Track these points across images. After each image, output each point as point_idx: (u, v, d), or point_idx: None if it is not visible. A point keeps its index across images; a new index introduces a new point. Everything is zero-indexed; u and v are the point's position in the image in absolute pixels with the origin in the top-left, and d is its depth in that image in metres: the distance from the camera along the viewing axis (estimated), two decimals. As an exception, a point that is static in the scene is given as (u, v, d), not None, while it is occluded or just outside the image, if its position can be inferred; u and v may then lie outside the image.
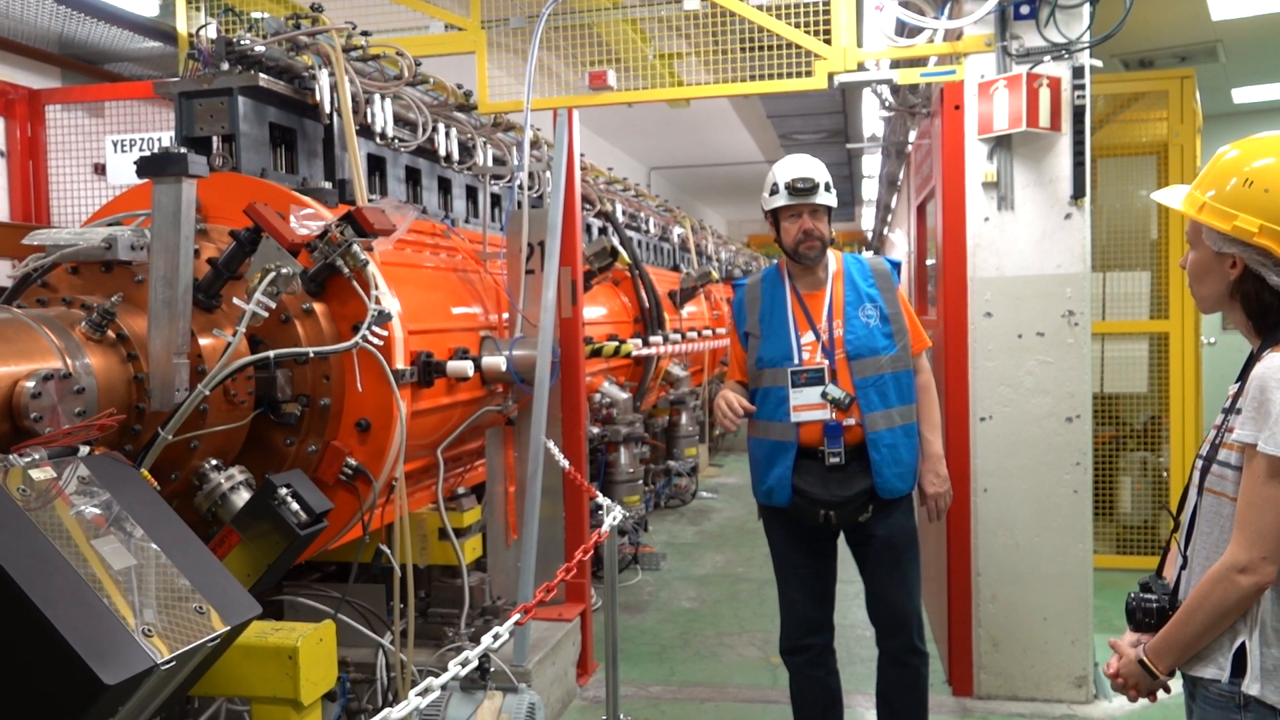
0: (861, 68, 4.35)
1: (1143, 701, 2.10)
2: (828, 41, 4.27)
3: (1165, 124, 5.85)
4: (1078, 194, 4.19)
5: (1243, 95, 7.95)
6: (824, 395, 3.30)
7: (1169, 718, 4.12)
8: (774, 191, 3.42)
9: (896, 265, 3.58)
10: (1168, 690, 2.06)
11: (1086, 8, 4.09)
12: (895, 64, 4.55)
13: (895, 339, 3.40)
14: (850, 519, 3.37)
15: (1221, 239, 1.91)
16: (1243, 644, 1.87)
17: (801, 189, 3.36)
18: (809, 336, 3.39)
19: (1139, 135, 6.03)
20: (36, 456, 2.20)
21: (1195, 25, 5.88)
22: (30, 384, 2.35)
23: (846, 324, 3.38)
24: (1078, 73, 4.11)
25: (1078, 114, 4.13)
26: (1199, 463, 2.01)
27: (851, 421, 3.30)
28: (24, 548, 1.96)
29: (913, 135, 6.37)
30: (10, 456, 2.19)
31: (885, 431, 3.32)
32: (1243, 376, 1.95)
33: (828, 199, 3.40)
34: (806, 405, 3.32)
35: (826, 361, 3.34)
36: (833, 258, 3.50)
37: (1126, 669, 2.05)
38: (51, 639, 1.87)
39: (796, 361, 3.36)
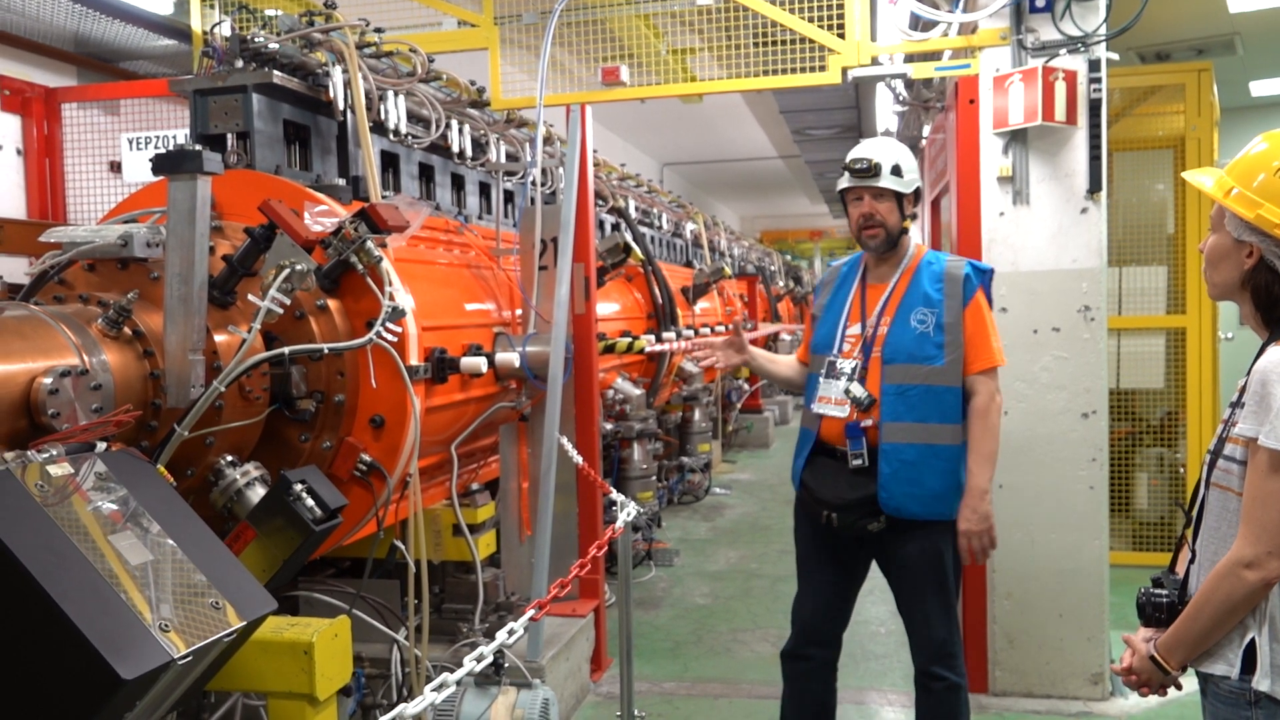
0: (875, 62, 4.33)
1: (1158, 699, 2.09)
2: (841, 36, 4.25)
3: (1182, 117, 5.81)
4: (1094, 188, 4.16)
5: (1261, 88, 7.88)
6: (846, 392, 3.17)
7: (1185, 715, 4.10)
8: (842, 173, 3.29)
9: (984, 272, 3.27)
10: (1179, 687, 2.05)
11: (1102, 0, 4.06)
12: (909, 58, 4.53)
13: (946, 350, 3.13)
14: (853, 525, 3.16)
15: (1243, 226, 1.92)
16: (1253, 640, 1.87)
17: (859, 170, 3.20)
18: (855, 329, 3.25)
19: (1156, 129, 5.99)
20: (54, 452, 2.22)
21: (1212, 18, 5.83)
22: (48, 380, 2.36)
23: (894, 324, 3.18)
24: (1094, 66, 4.08)
25: (1094, 107, 4.11)
26: (1208, 457, 2.01)
27: (870, 423, 3.13)
28: (42, 543, 1.97)
29: (927, 130, 6.34)
30: (28, 452, 2.20)
31: (905, 446, 3.09)
32: (1249, 371, 1.94)
33: (894, 182, 3.19)
34: (828, 398, 3.22)
35: (862, 358, 3.19)
36: (913, 254, 3.29)
37: (1139, 665, 2.04)
38: (69, 634, 1.88)
39: (836, 352, 3.26)
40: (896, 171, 3.21)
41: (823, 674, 3.39)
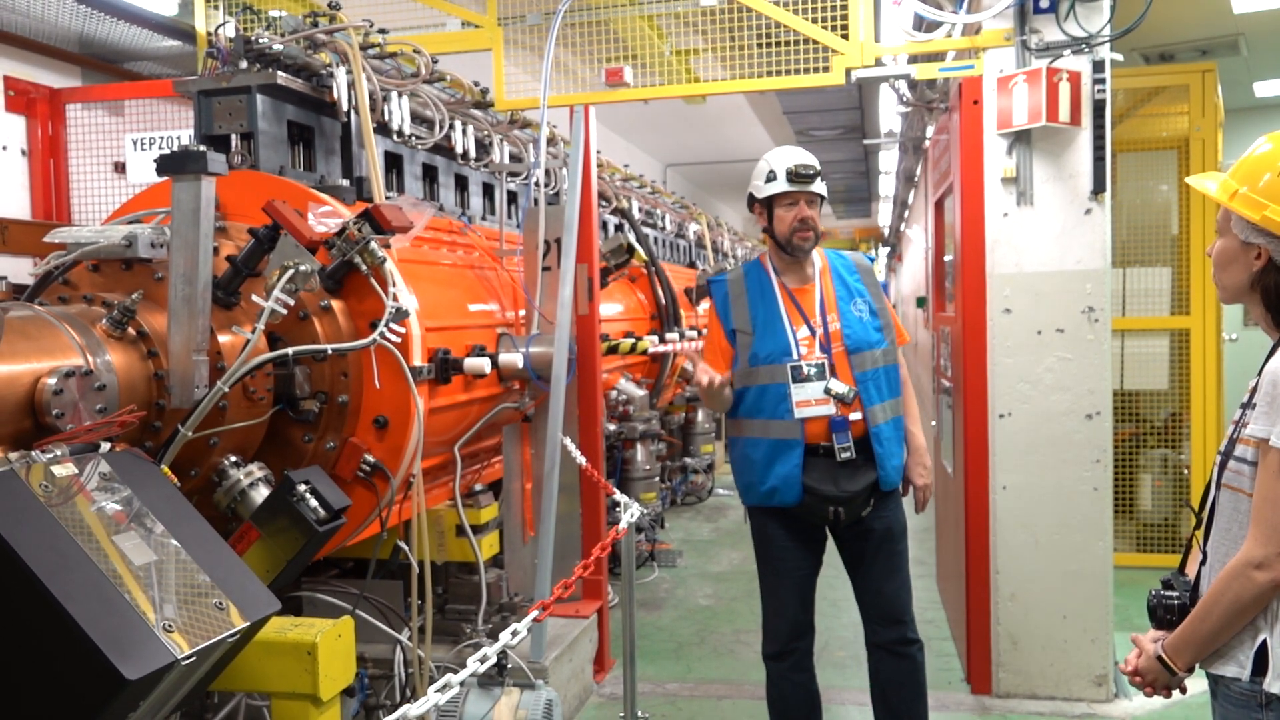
0: (879, 63, 4.33)
1: (1163, 700, 2.08)
2: (845, 36, 4.24)
3: (1186, 118, 5.80)
4: (1098, 189, 4.16)
5: (1265, 89, 7.86)
6: (827, 390, 3.26)
7: (1191, 717, 4.09)
8: (770, 179, 3.38)
9: (873, 260, 3.60)
10: (1183, 690, 2.04)
11: (1106, 1, 4.06)
12: (913, 59, 4.52)
13: (884, 333, 3.41)
14: (856, 514, 3.35)
15: (1249, 228, 1.92)
16: (1264, 642, 1.86)
17: (804, 175, 3.33)
18: (804, 331, 3.35)
19: (1160, 130, 5.98)
20: (58, 453, 2.22)
21: (1217, 18, 5.82)
22: (52, 381, 2.37)
23: (842, 318, 3.37)
24: (1098, 67, 4.08)
25: (1098, 108, 4.10)
26: (1219, 458, 2.00)
27: (857, 416, 3.28)
28: (46, 543, 1.97)
29: (930, 131, 6.34)
30: (32, 453, 2.21)
31: (884, 425, 3.33)
32: (1260, 372, 1.94)
33: (823, 188, 3.41)
34: (809, 401, 3.28)
35: (825, 356, 3.31)
36: (817, 255, 3.49)
37: (1145, 665, 2.04)
38: (73, 634, 1.89)
39: (795, 357, 3.31)
40: (822, 177, 3.40)
41: (806, 662, 3.53)
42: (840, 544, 3.49)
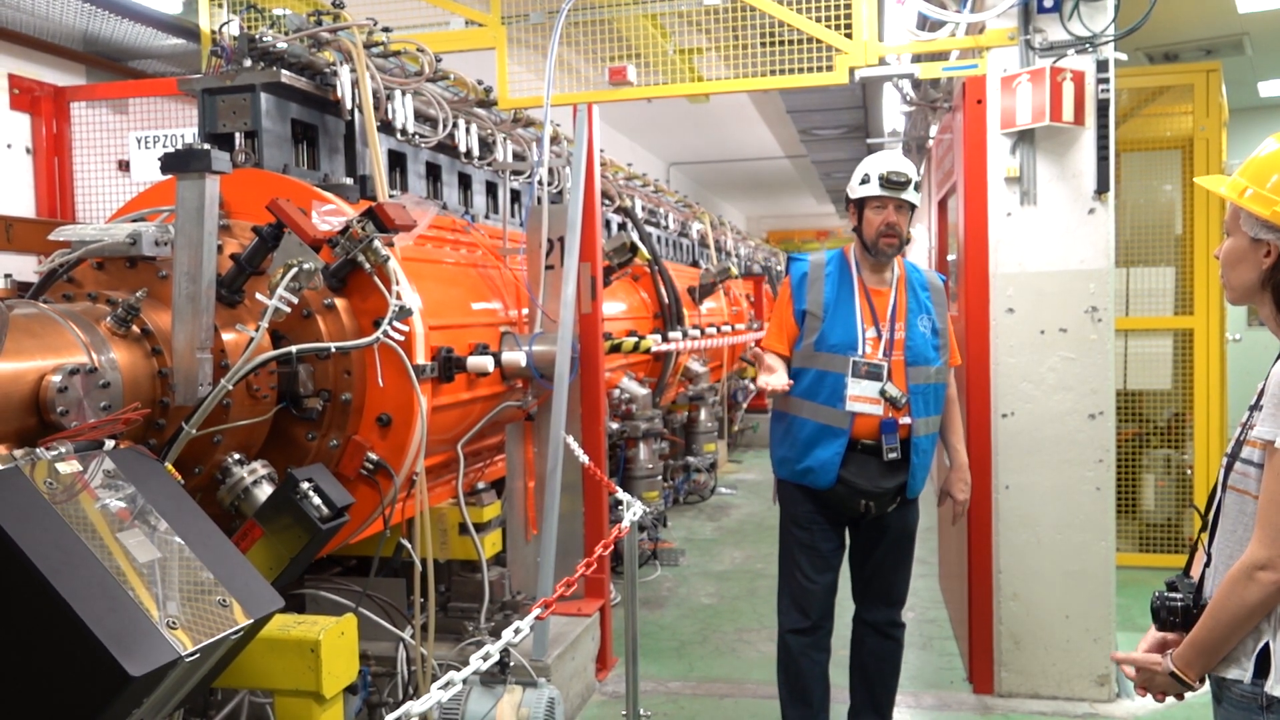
0: (883, 62, 4.32)
1: (1167, 700, 2.08)
2: (848, 35, 4.24)
3: (1190, 118, 5.79)
4: (1101, 189, 4.15)
5: (1269, 89, 7.86)
6: (882, 392, 3.40)
7: (1193, 717, 4.09)
8: (864, 181, 3.50)
9: (945, 280, 3.73)
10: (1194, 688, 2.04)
11: (1111, 0, 4.05)
12: (916, 58, 4.52)
13: (940, 354, 3.56)
14: (883, 510, 3.52)
15: (1259, 225, 1.90)
16: (1266, 644, 1.85)
17: (896, 182, 3.44)
18: (872, 332, 3.47)
19: (1164, 129, 5.97)
20: (63, 450, 2.23)
21: (1221, 18, 5.81)
22: (56, 378, 2.37)
23: (908, 330, 3.50)
24: (1102, 66, 4.07)
25: (1102, 108, 4.10)
26: (1225, 460, 1.99)
27: (906, 420, 3.43)
28: (50, 541, 1.98)
29: (934, 130, 6.33)
30: (37, 450, 2.21)
31: (924, 437, 3.49)
32: (1269, 374, 1.93)
33: (914, 198, 3.49)
34: (861, 397, 3.41)
35: (885, 360, 3.44)
36: (896, 263, 3.60)
37: (1159, 681, 2.02)
38: (77, 631, 1.89)
39: (860, 353, 3.44)
40: (916, 187, 3.50)
41: (827, 642, 3.66)
42: (855, 536, 3.65)
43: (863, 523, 3.61)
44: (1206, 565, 2.01)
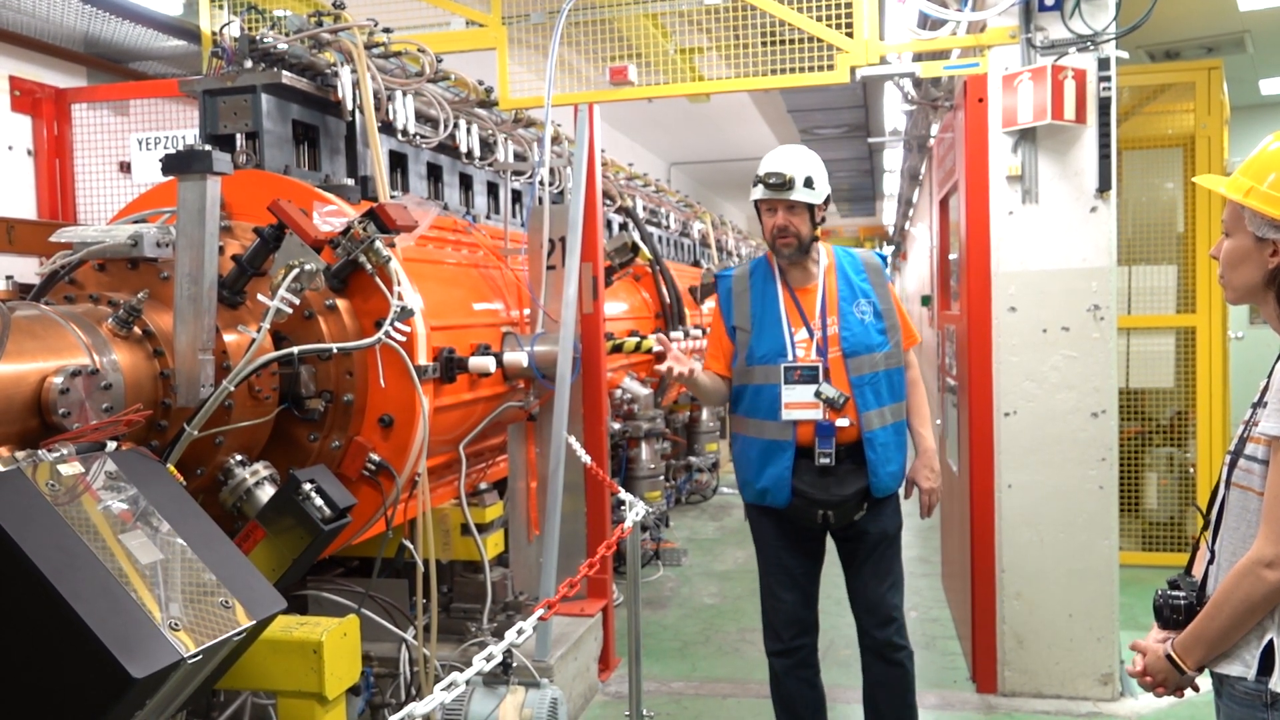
0: (884, 61, 4.32)
1: (1169, 699, 2.08)
2: (849, 34, 4.24)
3: (1192, 116, 5.79)
4: (1103, 187, 4.15)
5: (1271, 86, 7.85)
6: (817, 394, 3.22)
7: (1197, 716, 4.08)
8: (755, 183, 3.34)
9: (884, 259, 3.54)
10: (1195, 689, 2.04)
11: (1112, -1, 4.05)
12: (918, 57, 4.51)
13: (889, 335, 3.34)
14: (847, 518, 3.32)
15: (1265, 224, 1.88)
16: (1270, 641, 1.85)
17: (773, 184, 3.25)
18: (802, 334, 3.30)
19: (1165, 127, 5.96)
20: (65, 452, 2.22)
21: (1222, 16, 5.80)
22: (58, 380, 2.37)
23: (841, 320, 3.31)
24: (1103, 64, 4.07)
25: (1103, 106, 4.09)
26: (1228, 457, 1.99)
27: (846, 422, 3.23)
28: (52, 542, 1.98)
29: (935, 129, 6.33)
30: (39, 452, 2.21)
31: (879, 430, 3.27)
32: (1272, 371, 1.93)
33: (807, 195, 3.27)
34: (798, 403, 3.24)
35: (820, 360, 3.26)
36: (824, 251, 3.41)
37: (1154, 665, 2.03)
38: (80, 632, 1.89)
39: (790, 358, 3.27)
40: (809, 184, 3.27)
41: (812, 659, 3.51)
42: (837, 544, 3.49)
43: (837, 533, 3.42)
44: (1210, 562, 2.01)
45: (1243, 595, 1.85)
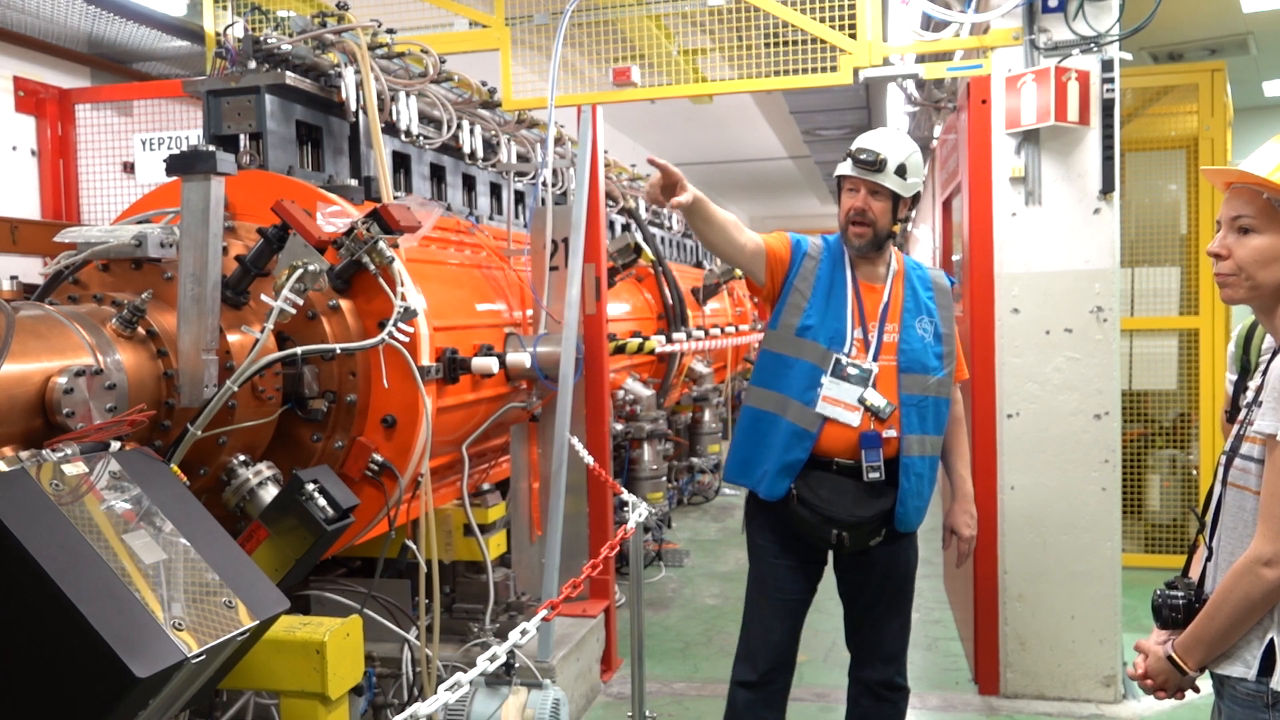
0: (887, 62, 4.32)
1: (1171, 702, 2.07)
2: (853, 36, 4.24)
3: (1195, 117, 5.78)
4: (1107, 189, 4.14)
5: (1275, 88, 7.84)
6: (861, 400, 2.94)
7: (1199, 718, 4.07)
8: (845, 157, 3.04)
9: (954, 282, 3.28)
10: (1196, 689, 2.04)
11: (1116, 0, 4.05)
12: (921, 58, 4.52)
13: (945, 362, 3.07)
14: (862, 544, 3.01)
15: None
16: (1271, 640, 1.85)
17: (863, 161, 2.96)
18: (858, 333, 3.01)
19: (1168, 129, 5.96)
20: (68, 451, 2.23)
21: (1226, 17, 5.80)
22: (62, 380, 2.38)
23: (903, 330, 3.03)
24: (1107, 66, 4.06)
25: (1107, 108, 4.09)
26: (1223, 458, 1.99)
27: (892, 433, 2.95)
28: (56, 541, 1.98)
29: (938, 130, 6.33)
30: (43, 451, 2.21)
31: (918, 459, 2.99)
32: (1264, 370, 1.92)
33: (895, 183, 2.98)
34: (837, 400, 2.93)
35: (873, 366, 2.98)
36: (895, 256, 3.14)
37: (1154, 666, 2.03)
38: (83, 632, 1.89)
39: (845, 350, 2.98)
40: (900, 171, 3.00)
41: (781, 699, 3.19)
42: (840, 572, 3.21)
43: (844, 559, 3.13)
44: (1208, 560, 2.01)
45: (1242, 594, 1.85)
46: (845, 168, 3.03)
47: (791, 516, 3.00)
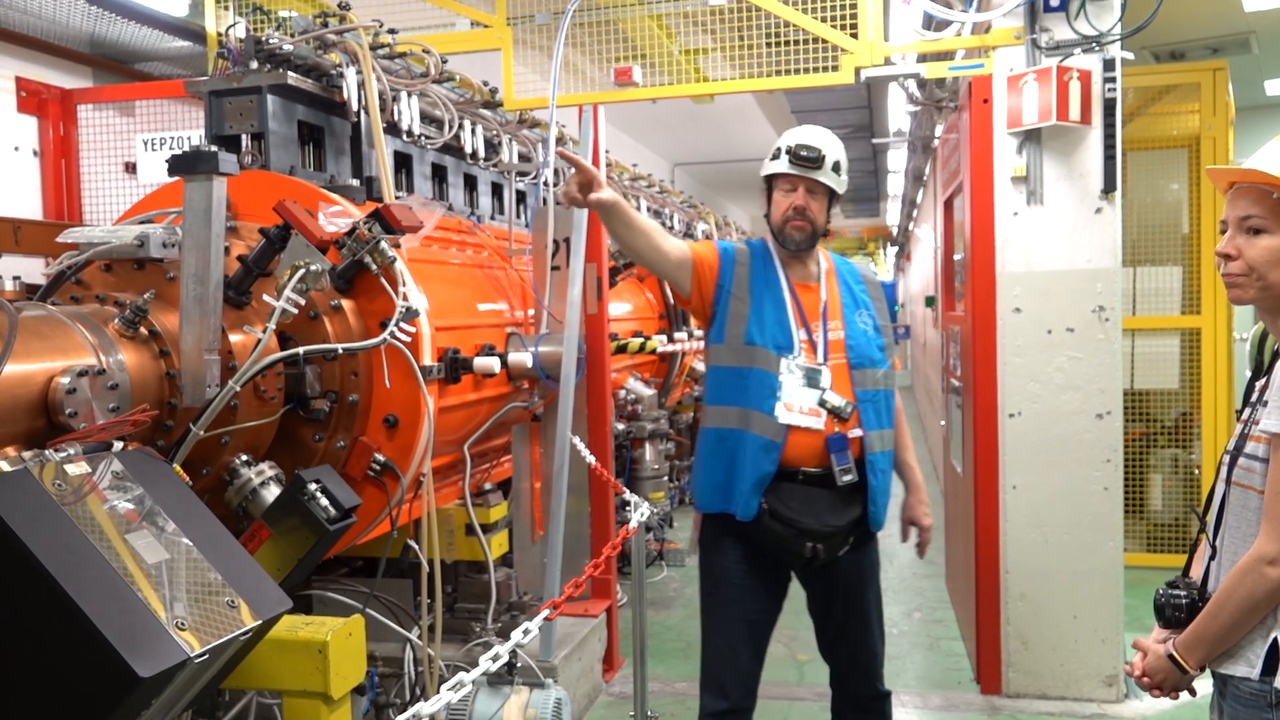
0: (888, 62, 4.32)
1: (1173, 701, 2.07)
2: (854, 35, 4.24)
3: (1197, 117, 5.78)
4: (1108, 188, 4.14)
5: (1276, 87, 7.84)
6: (822, 403, 2.85)
7: (1202, 718, 4.07)
8: (774, 156, 3.01)
9: (890, 288, 3.27)
10: (1192, 693, 2.03)
11: (1117, -1, 4.05)
12: (922, 58, 4.51)
13: (886, 354, 3.04)
14: (833, 553, 2.91)
15: None
16: (1275, 640, 1.85)
17: (805, 158, 2.93)
18: (802, 334, 2.93)
19: (1170, 128, 5.96)
20: (71, 452, 2.23)
21: (1227, 16, 5.80)
22: (65, 380, 2.38)
23: (847, 327, 2.99)
24: (1108, 65, 4.06)
25: (1108, 107, 4.09)
26: (1226, 457, 1.99)
27: (857, 433, 2.88)
28: (59, 541, 1.98)
29: (939, 130, 6.32)
30: (46, 452, 2.22)
31: (880, 455, 2.93)
32: (1269, 370, 1.92)
33: (833, 180, 2.98)
34: (796, 407, 2.85)
35: (823, 365, 2.91)
36: (822, 255, 3.12)
37: (1155, 665, 2.03)
38: (86, 632, 1.89)
39: (796, 353, 2.90)
40: (836, 168, 2.99)
41: None
42: (807, 586, 3.11)
43: (809, 571, 3.02)
44: (1212, 559, 2.01)
45: (1245, 593, 1.85)
46: (780, 166, 2.99)
47: (763, 533, 2.89)
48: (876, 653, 3.10)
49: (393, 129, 3.93)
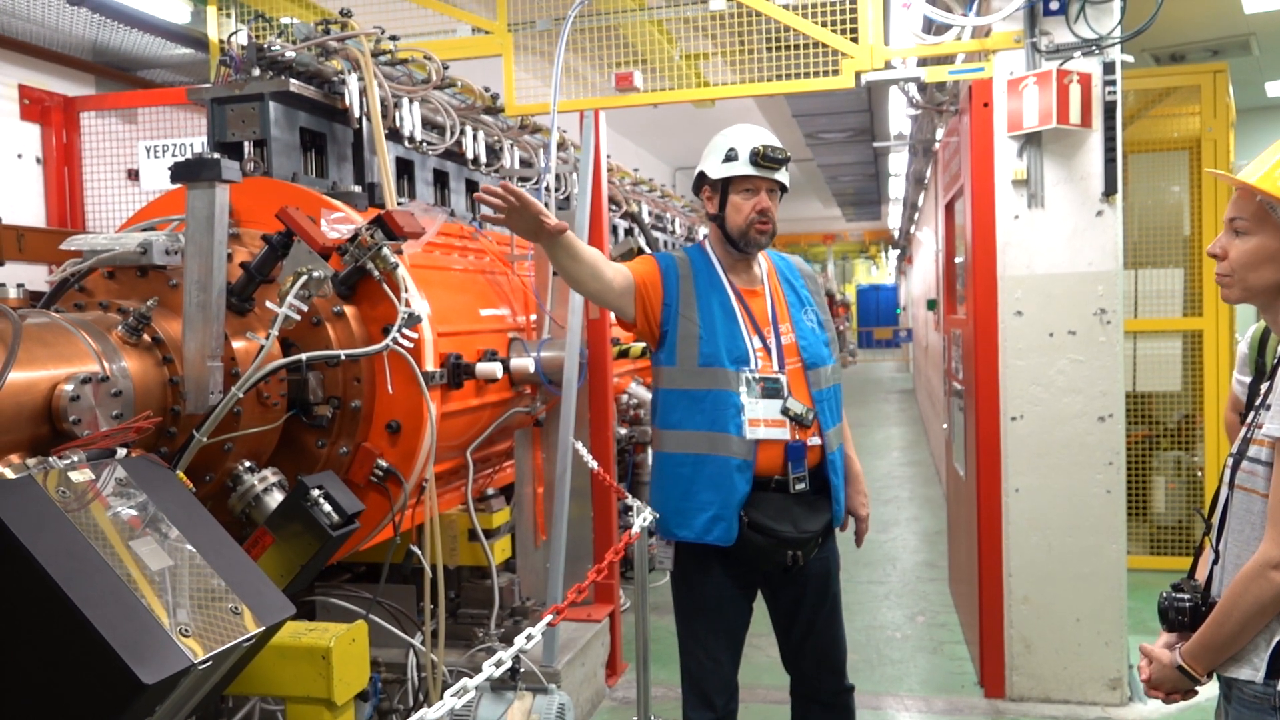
0: (889, 66, 4.33)
1: (1177, 705, 2.07)
2: (854, 40, 4.24)
3: (1198, 119, 5.78)
4: (1109, 191, 4.15)
5: (1277, 89, 7.84)
6: (784, 411, 2.81)
7: (1205, 720, 4.07)
8: (729, 158, 2.91)
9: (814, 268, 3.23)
10: (1194, 693, 2.03)
11: (1117, 2, 4.05)
12: (923, 62, 4.52)
13: (831, 348, 3.02)
14: (809, 556, 2.91)
15: None
16: (1279, 644, 1.85)
17: (772, 159, 2.87)
18: (756, 341, 2.88)
19: (1171, 130, 5.96)
20: (75, 459, 2.24)
21: (1228, 19, 5.80)
22: (69, 387, 2.39)
23: (796, 329, 2.95)
24: (1109, 68, 4.07)
25: (1109, 110, 4.09)
26: (1230, 460, 1.99)
27: (815, 441, 2.85)
28: (63, 548, 1.99)
29: (940, 133, 6.33)
30: (49, 459, 2.22)
31: (838, 452, 2.95)
32: (1274, 373, 1.92)
33: (786, 179, 2.97)
34: (761, 420, 2.81)
35: (780, 373, 2.86)
36: (762, 255, 3.06)
37: (1163, 675, 2.02)
38: (91, 638, 1.90)
39: (754, 367, 2.84)
40: (787, 167, 2.99)
41: None
42: (772, 591, 3.06)
43: (775, 576, 2.99)
44: (1215, 564, 2.00)
45: (1252, 598, 1.84)
46: (741, 168, 2.90)
47: (743, 547, 2.85)
48: (843, 647, 3.11)
49: (394, 135, 3.94)
